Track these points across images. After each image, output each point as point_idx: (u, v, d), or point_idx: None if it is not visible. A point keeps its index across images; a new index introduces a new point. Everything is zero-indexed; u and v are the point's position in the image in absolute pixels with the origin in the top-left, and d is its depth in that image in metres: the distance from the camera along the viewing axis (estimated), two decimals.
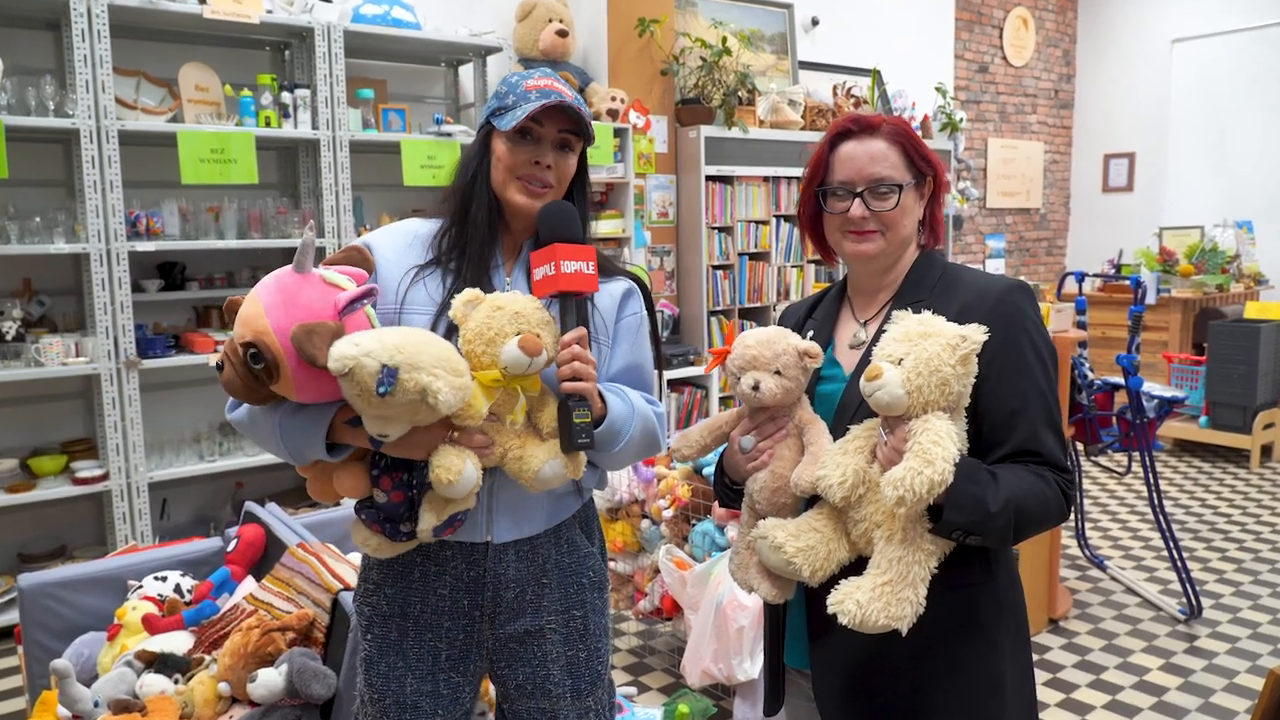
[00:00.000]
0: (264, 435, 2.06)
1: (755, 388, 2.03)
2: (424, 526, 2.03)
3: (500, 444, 2.05)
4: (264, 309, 1.87)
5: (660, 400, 2.38)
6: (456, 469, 1.94)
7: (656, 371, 2.43)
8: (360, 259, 2.13)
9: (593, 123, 2.23)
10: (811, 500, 2.05)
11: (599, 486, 2.38)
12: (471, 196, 2.24)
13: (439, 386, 1.83)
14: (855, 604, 1.84)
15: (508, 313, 2.01)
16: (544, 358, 1.99)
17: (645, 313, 2.36)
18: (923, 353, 1.86)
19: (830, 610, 1.88)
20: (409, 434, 1.96)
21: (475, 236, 2.22)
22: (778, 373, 2.04)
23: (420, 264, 2.22)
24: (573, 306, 2.10)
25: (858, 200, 2.11)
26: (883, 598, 1.85)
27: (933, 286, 2.13)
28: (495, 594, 2.23)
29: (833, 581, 1.93)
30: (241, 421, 2.10)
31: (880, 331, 2.06)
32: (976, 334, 1.86)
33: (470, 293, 2.05)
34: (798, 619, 2.20)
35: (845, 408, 2.09)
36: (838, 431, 2.04)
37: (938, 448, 1.80)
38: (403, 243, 2.28)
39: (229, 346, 1.93)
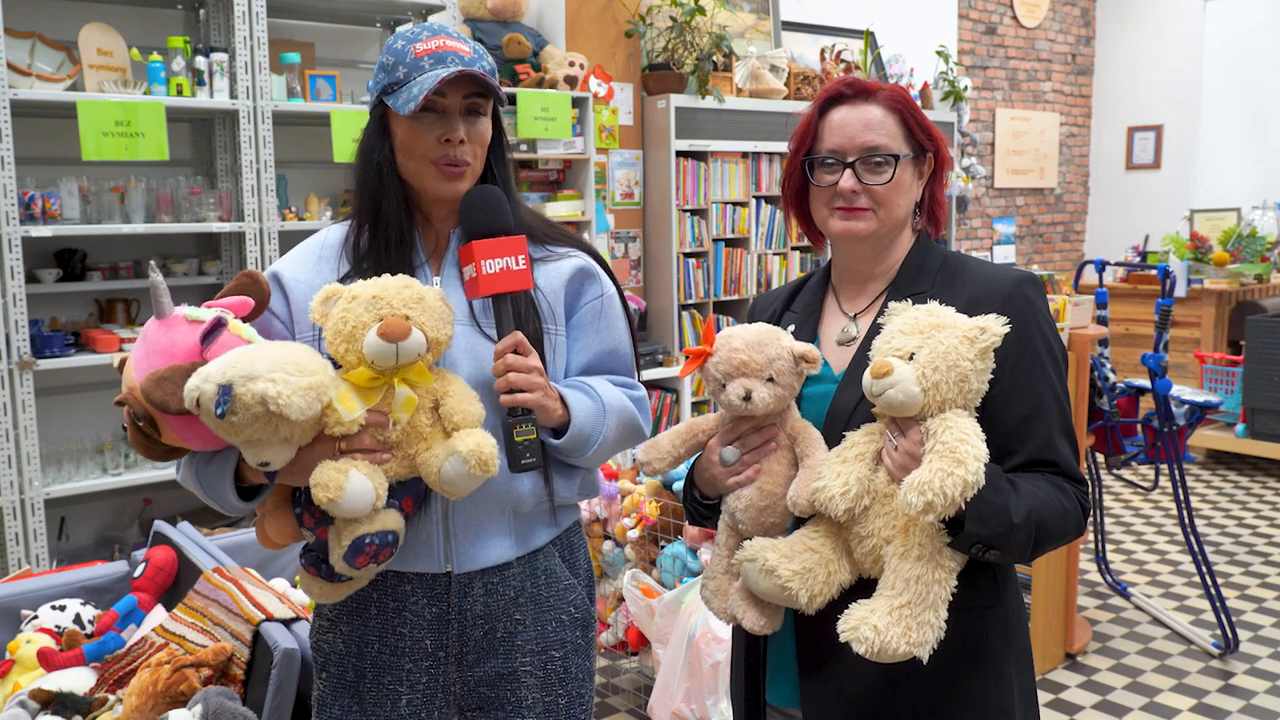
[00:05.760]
0: (196, 491, 2.11)
1: (746, 398, 2.00)
2: (332, 558, 2.03)
3: (403, 448, 2.03)
4: (133, 363, 1.98)
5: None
6: (335, 484, 1.91)
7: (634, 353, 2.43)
8: (251, 286, 2.14)
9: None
10: (801, 518, 2.05)
11: (585, 494, 2.35)
12: (380, 190, 2.21)
13: (278, 390, 1.83)
14: (872, 629, 1.84)
15: (363, 300, 1.99)
16: (416, 340, 1.97)
17: (610, 291, 2.36)
18: (938, 346, 1.88)
19: (843, 638, 1.87)
20: (297, 458, 1.97)
21: (391, 237, 2.21)
22: (770, 380, 2.01)
23: (333, 281, 2.19)
24: (508, 308, 2.11)
25: (848, 171, 2.11)
26: (902, 622, 1.84)
27: (934, 276, 2.14)
28: (461, 632, 2.22)
29: (830, 608, 1.94)
30: (182, 481, 2.15)
31: (876, 326, 2.07)
32: (996, 326, 1.89)
33: (327, 289, 2.05)
34: (784, 650, 2.20)
35: (838, 412, 2.09)
36: (830, 439, 2.04)
37: (966, 446, 1.81)
38: (310, 260, 2.28)
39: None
